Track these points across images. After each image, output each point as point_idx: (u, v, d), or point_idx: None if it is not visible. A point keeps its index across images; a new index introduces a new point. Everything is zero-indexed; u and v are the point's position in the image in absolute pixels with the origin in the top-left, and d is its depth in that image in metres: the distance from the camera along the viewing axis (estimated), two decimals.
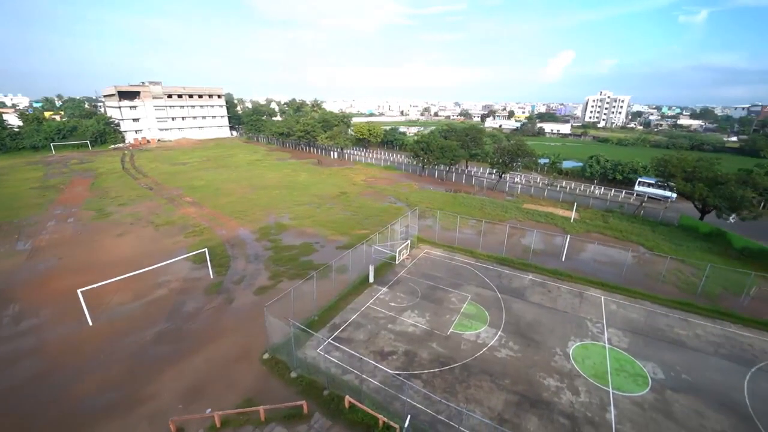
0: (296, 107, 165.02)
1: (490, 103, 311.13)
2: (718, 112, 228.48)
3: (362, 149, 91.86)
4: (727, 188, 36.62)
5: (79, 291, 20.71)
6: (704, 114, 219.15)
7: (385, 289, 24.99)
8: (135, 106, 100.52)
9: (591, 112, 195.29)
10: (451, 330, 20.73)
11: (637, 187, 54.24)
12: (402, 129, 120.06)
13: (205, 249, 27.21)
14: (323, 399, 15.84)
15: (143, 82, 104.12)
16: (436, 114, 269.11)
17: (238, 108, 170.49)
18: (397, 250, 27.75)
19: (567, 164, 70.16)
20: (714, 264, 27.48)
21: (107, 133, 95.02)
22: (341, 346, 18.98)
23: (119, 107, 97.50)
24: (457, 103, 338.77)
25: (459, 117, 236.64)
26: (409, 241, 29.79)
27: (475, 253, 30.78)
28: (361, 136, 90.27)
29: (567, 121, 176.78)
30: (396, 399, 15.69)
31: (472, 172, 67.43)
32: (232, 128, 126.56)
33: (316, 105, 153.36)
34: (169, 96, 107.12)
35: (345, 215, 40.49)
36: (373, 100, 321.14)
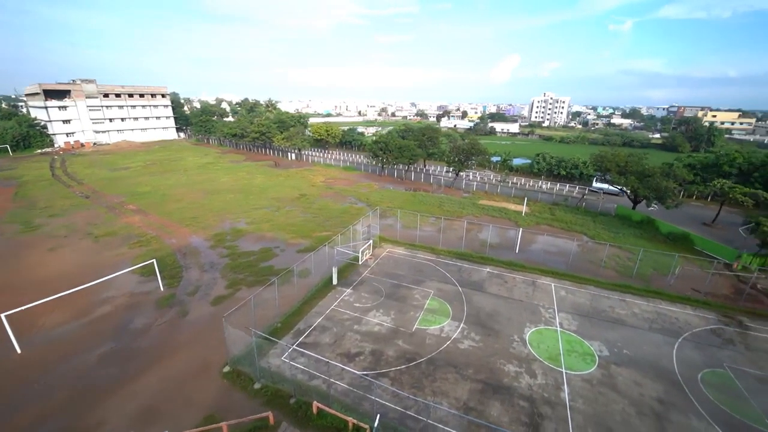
0: (249, 107, 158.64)
1: (445, 104, 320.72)
2: (644, 112, 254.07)
3: (321, 150, 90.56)
4: (653, 180, 40.92)
5: (2, 315, 18.37)
6: (633, 114, 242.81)
7: (349, 290, 24.91)
8: (65, 107, 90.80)
9: (536, 112, 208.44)
10: (415, 326, 21.16)
11: (594, 184, 58.47)
12: (360, 129, 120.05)
13: (154, 260, 25.36)
14: (290, 407, 15.46)
15: (74, 80, 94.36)
16: (393, 114, 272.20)
17: (186, 108, 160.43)
18: (360, 250, 27.80)
19: (517, 161, 74.24)
20: (645, 248, 30.67)
21: (32, 136, 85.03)
22: (307, 352, 18.64)
23: (45, 107, 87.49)
24: (413, 104, 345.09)
25: (415, 117, 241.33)
26: (371, 241, 29.93)
27: (435, 249, 31.62)
28: (319, 137, 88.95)
29: (515, 121, 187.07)
30: (365, 399, 15.73)
31: (430, 171, 69.13)
32: (179, 130, 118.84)
33: (271, 105, 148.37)
34: (106, 95, 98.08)
35: (305, 217, 39.73)
36: (330, 100, 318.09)
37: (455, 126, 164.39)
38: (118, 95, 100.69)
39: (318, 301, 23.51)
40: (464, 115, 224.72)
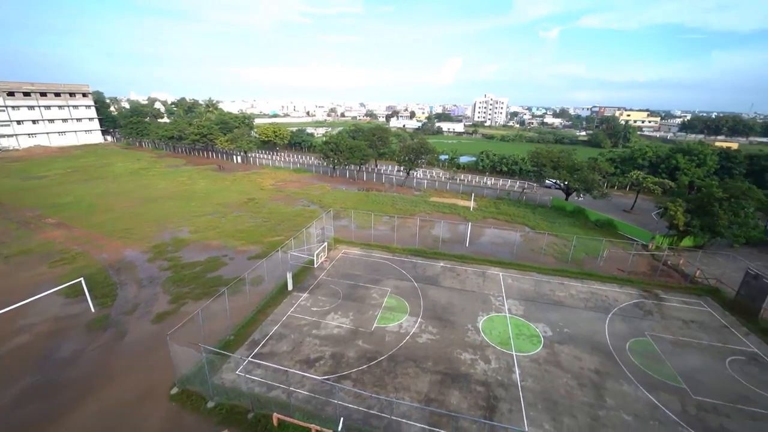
0: (187, 107, 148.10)
1: (394, 104, 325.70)
2: (571, 112, 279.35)
3: (268, 152, 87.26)
4: (582, 173, 45.31)
5: None
6: (562, 114, 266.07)
7: (305, 295, 24.38)
8: None
9: (479, 112, 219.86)
10: (375, 325, 21.32)
11: (547, 180, 62.72)
12: (309, 130, 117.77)
13: (81, 279, 22.67)
14: (248, 423, 14.78)
15: None
16: (342, 114, 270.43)
17: (113, 109, 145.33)
18: (315, 253, 27.30)
19: (463, 159, 77.83)
20: (578, 235, 33.89)
21: None
22: (264, 362, 17.91)
23: None
24: (362, 104, 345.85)
25: (365, 117, 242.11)
26: (326, 243, 29.55)
27: (390, 247, 32.08)
28: (266, 139, 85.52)
29: (460, 121, 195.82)
30: (327, 404, 15.52)
31: (382, 171, 69.87)
32: (105, 133, 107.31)
33: (211, 105, 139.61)
34: (11, 94, 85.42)
35: (255, 223, 38.07)
36: (277, 100, 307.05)
37: (404, 126, 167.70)
38: (27, 94, 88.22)
39: (273, 308, 22.70)
40: (412, 115, 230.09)
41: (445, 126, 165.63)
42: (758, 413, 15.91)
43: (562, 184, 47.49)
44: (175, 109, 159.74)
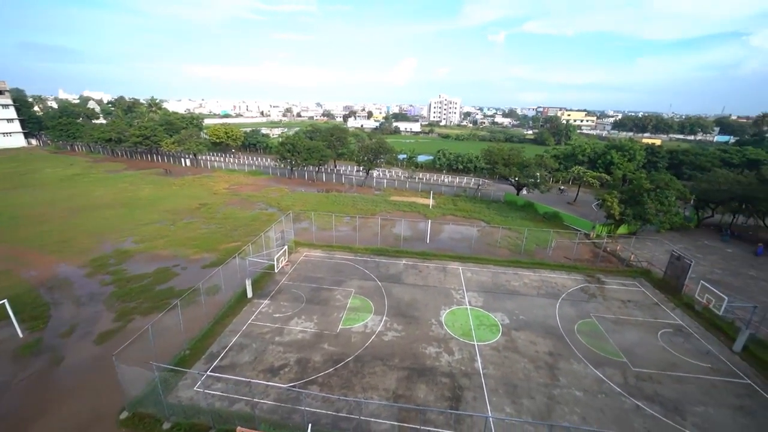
0: (127, 107, 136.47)
1: (351, 104, 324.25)
2: (519, 112, 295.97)
3: (221, 154, 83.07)
4: (530, 170, 48.29)
5: None
6: (511, 114, 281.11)
7: (266, 301, 23.60)
8: None
9: (434, 112, 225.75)
10: (340, 327, 21.17)
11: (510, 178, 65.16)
12: (264, 131, 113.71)
13: (5, 300, 20.10)
14: None
15: None
16: (299, 114, 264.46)
17: (37, 109, 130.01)
18: (275, 257, 26.44)
19: (421, 158, 79.58)
20: (529, 228, 36.07)
21: None
22: (224, 375, 17.09)
23: None
24: (318, 104, 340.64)
25: (322, 117, 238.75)
26: (286, 247, 28.75)
27: (353, 248, 32.01)
28: (217, 140, 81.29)
29: (417, 121, 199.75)
30: (294, 412, 15.17)
31: (341, 171, 69.38)
32: (29, 135, 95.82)
33: (155, 105, 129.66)
34: None
35: (208, 229, 36.11)
36: (228, 100, 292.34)
37: (362, 126, 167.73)
38: None
39: (232, 318, 21.71)
40: (370, 115, 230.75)
41: (403, 126, 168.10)
42: (684, 377, 18.03)
43: (513, 180, 50.24)
44: (112, 109, 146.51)
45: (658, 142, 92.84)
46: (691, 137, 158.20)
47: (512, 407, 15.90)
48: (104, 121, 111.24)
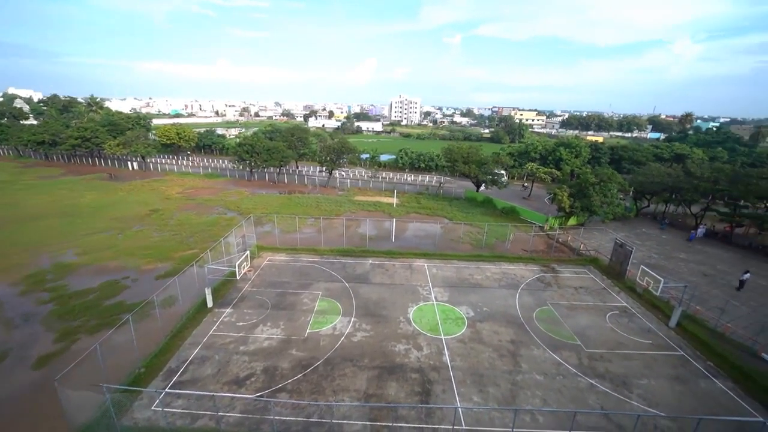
0: (62, 106, 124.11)
1: (311, 104, 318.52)
2: (476, 111, 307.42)
3: (172, 156, 78.19)
4: (488, 167, 50.34)
5: None
6: (468, 113, 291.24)
7: (229, 310, 22.62)
8: None
9: (395, 111, 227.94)
10: (308, 331, 20.81)
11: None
12: (220, 131, 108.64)
13: None
14: None
15: None
16: (256, 114, 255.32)
17: None
18: (236, 264, 25.40)
19: (384, 157, 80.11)
20: (489, 223, 37.62)
21: None
22: (185, 391, 16.16)
23: None
24: (277, 103, 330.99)
25: (282, 117, 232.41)
26: (248, 252, 27.70)
27: (318, 250, 31.56)
28: (168, 141, 76.22)
29: (378, 120, 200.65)
30: (263, 422, 14.70)
31: (303, 172, 68.08)
32: None
33: (95, 103, 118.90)
34: None
35: (161, 237, 33.89)
36: (179, 99, 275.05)
37: (323, 126, 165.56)
38: None
39: (191, 330, 20.57)
40: (331, 114, 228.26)
41: (365, 125, 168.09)
42: (629, 354, 19.76)
43: (471, 177, 52.11)
44: (45, 108, 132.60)
45: (600, 139, 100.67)
46: (629, 134, 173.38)
47: (479, 396, 16.54)
48: (35, 122, 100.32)
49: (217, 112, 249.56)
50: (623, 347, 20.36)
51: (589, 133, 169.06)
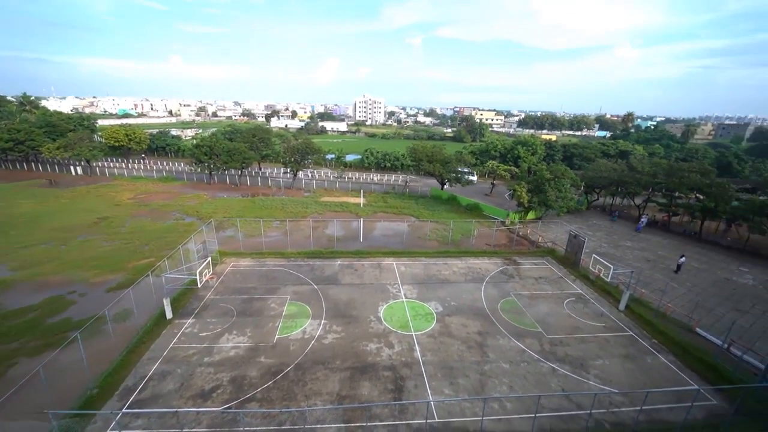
0: None
1: (273, 103, 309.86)
2: (439, 111, 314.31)
3: (122, 160, 72.87)
4: (452, 165, 51.71)
5: None
6: (431, 113, 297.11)
7: (190, 320, 21.51)
8: None
9: (359, 111, 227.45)
10: (277, 336, 20.30)
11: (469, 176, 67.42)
12: (175, 132, 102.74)
13: None
14: None
15: None
16: (214, 114, 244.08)
17: None
18: (197, 271, 24.23)
19: (349, 158, 79.74)
20: (454, 219, 38.71)
21: None
22: (145, 410, 15.17)
23: None
24: (237, 103, 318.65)
25: (242, 117, 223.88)
26: (209, 258, 26.51)
27: (285, 253, 30.85)
28: (116, 144, 70.91)
29: (343, 120, 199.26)
30: None
31: (267, 174, 66.11)
32: None
33: (29, 102, 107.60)
34: None
35: (112, 246, 31.52)
36: (128, 98, 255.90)
37: (287, 126, 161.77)
38: None
39: (150, 344, 19.33)
40: (294, 114, 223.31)
41: (329, 125, 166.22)
42: (585, 337, 21.19)
43: (436, 175, 53.31)
44: None
45: (554, 137, 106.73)
46: (579, 133, 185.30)
47: (450, 388, 17.00)
48: None
49: (170, 112, 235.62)
50: (580, 331, 21.80)
51: (544, 132, 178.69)
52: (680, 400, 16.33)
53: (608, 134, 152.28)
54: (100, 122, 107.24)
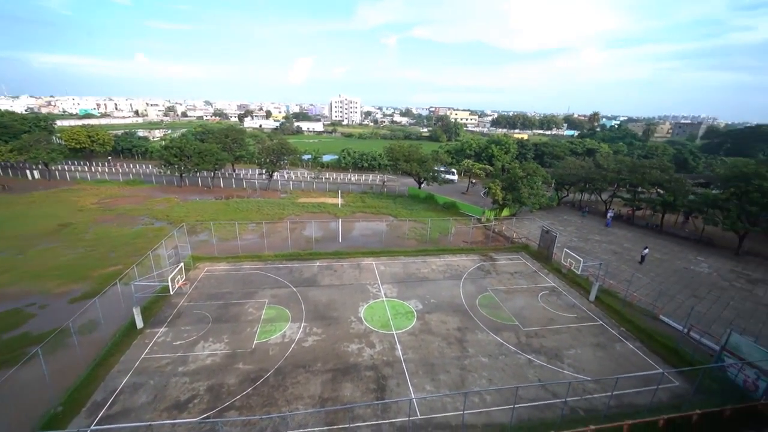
0: None
1: (246, 103, 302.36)
2: (414, 111, 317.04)
3: (84, 163, 68.91)
4: (428, 164, 52.31)
5: None
6: (407, 113, 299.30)
7: (163, 329, 20.68)
8: None
9: (335, 111, 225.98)
10: (255, 342, 19.85)
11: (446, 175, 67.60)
12: (142, 133, 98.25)
13: None
14: None
15: None
16: (184, 114, 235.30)
17: None
18: (169, 278, 23.29)
19: (326, 158, 79.07)
20: (432, 218, 39.19)
21: None
22: (115, 425, 14.43)
23: None
24: (208, 102, 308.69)
25: (213, 117, 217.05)
26: (182, 264, 25.54)
27: (262, 256, 30.22)
28: (78, 146, 66.86)
29: (319, 120, 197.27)
30: None
31: (241, 175, 64.48)
32: None
33: None
34: None
35: (75, 254, 29.79)
36: (90, 98, 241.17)
37: (261, 126, 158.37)
38: None
39: (119, 356, 18.42)
40: (268, 114, 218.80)
41: (305, 125, 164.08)
42: (559, 328, 22.04)
43: (412, 174, 53.83)
44: None
45: (525, 136, 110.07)
46: (549, 132, 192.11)
47: (432, 384, 17.22)
48: None
49: (137, 112, 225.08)
50: (554, 323, 22.64)
51: (516, 131, 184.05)
52: (647, 383, 17.30)
53: (576, 133, 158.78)
54: (60, 123, 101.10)
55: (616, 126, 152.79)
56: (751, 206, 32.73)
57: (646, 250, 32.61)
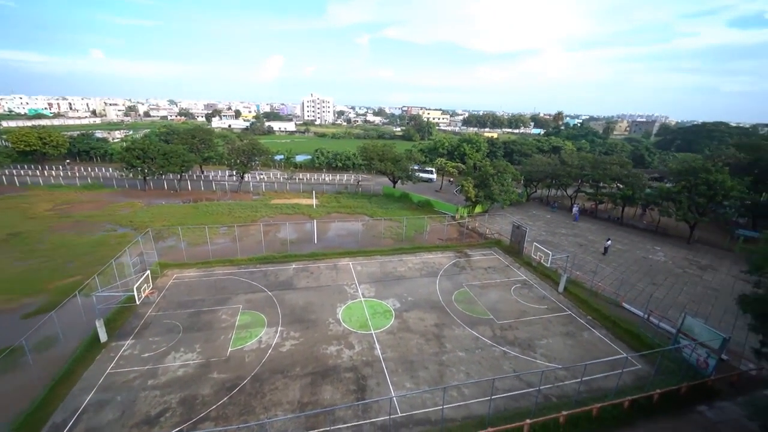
0: None
1: (213, 102, 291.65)
2: (387, 110, 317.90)
3: (35, 167, 63.96)
4: (402, 164, 52.71)
5: None
6: (380, 112, 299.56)
7: (130, 341, 19.62)
8: None
9: (308, 111, 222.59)
10: (230, 349, 19.25)
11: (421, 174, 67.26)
12: (100, 134, 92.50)
13: None
14: None
15: None
16: (146, 114, 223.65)
17: None
18: (134, 287, 22.10)
19: (299, 158, 77.80)
20: (407, 216, 39.53)
21: None
22: None
23: None
24: (173, 102, 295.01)
25: (178, 117, 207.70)
26: (148, 272, 24.31)
27: (235, 260, 29.33)
28: (27, 148, 61.92)
29: (291, 120, 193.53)
30: None
31: (210, 177, 62.20)
32: None
33: None
34: None
35: (27, 266, 27.65)
36: (40, 97, 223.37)
37: (230, 126, 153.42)
38: None
39: (81, 372, 17.29)
40: (238, 114, 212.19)
41: (276, 125, 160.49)
42: (531, 320, 22.89)
43: (387, 173, 54.08)
44: None
45: (495, 135, 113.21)
46: (517, 130, 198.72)
47: (411, 382, 17.40)
48: None
49: (94, 112, 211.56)
50: (526, 315, 23.48)
51: (486, 129, 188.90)
52: (613, 368, 18.32)
53: (542, 132, 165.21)
54: (5, 123, 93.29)
55: (579, 124, 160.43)
56: (699, 198, 35.42)
57: (609, 242, 34.48)
